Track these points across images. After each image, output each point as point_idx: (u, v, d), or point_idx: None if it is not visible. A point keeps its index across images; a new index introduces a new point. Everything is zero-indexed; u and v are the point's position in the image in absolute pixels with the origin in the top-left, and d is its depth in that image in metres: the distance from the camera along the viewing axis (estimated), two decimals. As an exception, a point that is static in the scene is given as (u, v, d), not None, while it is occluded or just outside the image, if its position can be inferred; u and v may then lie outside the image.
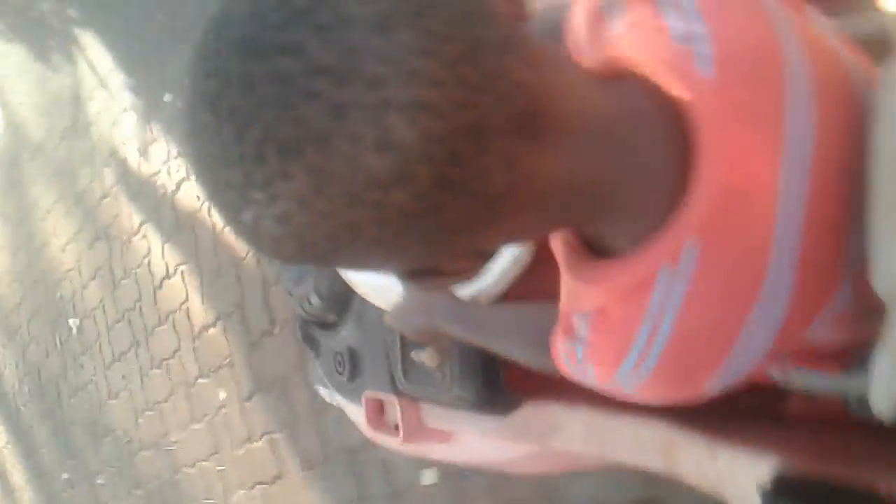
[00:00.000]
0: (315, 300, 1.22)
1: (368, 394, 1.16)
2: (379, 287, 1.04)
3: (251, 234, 0.43)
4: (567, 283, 0.59)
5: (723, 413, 0.84)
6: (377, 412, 1.15)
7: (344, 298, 1.20)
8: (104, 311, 3.66)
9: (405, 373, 1.08)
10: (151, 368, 3.27)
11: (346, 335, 1.22)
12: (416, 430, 1.10)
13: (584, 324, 0.57)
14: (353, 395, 1.23)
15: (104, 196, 3.67)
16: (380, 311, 1.08)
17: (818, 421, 0.86)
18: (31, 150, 4.54)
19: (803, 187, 0.49)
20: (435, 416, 1.09)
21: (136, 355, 3.40)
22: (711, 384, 0.55)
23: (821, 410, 0.84)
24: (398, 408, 1.10)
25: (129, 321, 3.44)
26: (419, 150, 0.40)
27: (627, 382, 0.55)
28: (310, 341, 1.32)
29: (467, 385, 0.99)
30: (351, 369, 1.20)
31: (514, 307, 0.84)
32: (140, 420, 3.41)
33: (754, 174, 0.49)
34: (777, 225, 0.49)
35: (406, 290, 0.92)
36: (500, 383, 1.00)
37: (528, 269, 0.96)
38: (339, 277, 1.17)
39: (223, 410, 2.81)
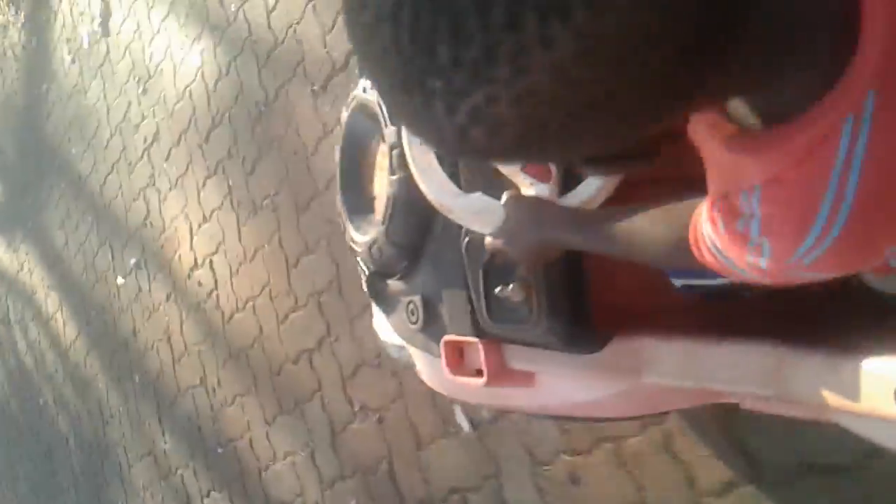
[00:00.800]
0: (387, 249, 1.19)
1: (447, 338, 1.12)
2: (479, 211, 1.00)
3: (470, 121, 0.40)
4: (723, 162, 0.58)
5: (830, 323, 0.85)
6: (457, 356, 1.11)
7: (416, 244, 1.17)
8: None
9: (489, 311, 1.04)
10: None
11: (419, 281, 1.18)
12: (500, 372, 1.06)
13: (754, 199, 0.55)
14: (425, 345, 1.19)
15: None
16: (459, 252, 1.06)
17: None
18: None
19: None
20: (519, 357, 1.05)
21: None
22: (890, 251, 0.53)
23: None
24: (481, 350, 1.06)
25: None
26: (684, 2, 0.39)
27: (808, 255, 0.53)
28: (379, 297, 1.29)
29: (556, 317, 0.96)
30: (424, 316, 1.17)
31: (634, 205, 0.80)
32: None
33: None
34: None
35: (512, 209, 0.90)
36: (589, 316, 0.98)
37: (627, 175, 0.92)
38: (412, 222, 1.14)
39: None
